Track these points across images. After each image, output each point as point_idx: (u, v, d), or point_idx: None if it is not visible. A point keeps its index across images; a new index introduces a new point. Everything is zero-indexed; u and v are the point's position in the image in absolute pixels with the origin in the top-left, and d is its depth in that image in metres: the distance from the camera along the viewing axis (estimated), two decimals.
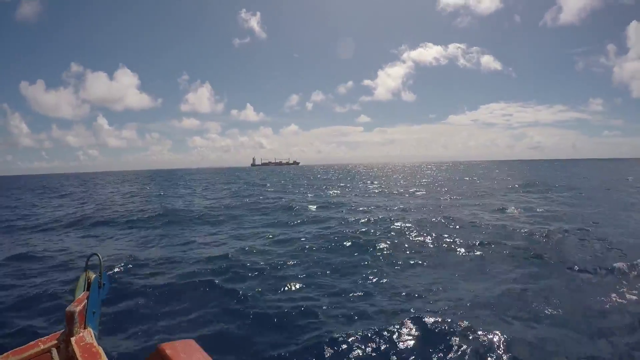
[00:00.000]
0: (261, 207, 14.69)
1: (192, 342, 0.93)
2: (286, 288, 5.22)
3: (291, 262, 6.50)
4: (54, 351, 1.39)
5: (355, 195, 19.88)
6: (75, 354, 1.35)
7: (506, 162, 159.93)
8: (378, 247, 7.36)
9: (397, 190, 21.90)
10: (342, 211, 13.02)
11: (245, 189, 27.10)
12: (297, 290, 5.17)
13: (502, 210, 12.26)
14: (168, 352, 0.85)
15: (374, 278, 5.60)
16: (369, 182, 32.01)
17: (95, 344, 1.43)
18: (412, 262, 6.38)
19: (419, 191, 20.99)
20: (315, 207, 14.30)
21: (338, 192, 22.19)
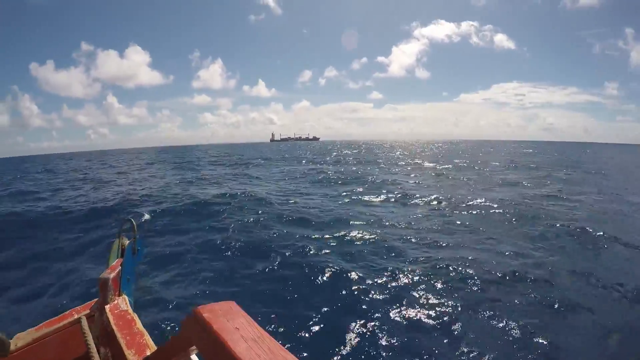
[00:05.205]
0: None
1: (233, 304, 0.86)
2: None
3: None
4: (84, 320, 1.34)
5: None
6: (109, 321, 1.32)
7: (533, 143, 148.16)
8: None
9: None
10: None
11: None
12: None
13: None
14: (206, 315, 0.79)
15: None
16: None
17: (130, 310, 1.40)
18: None
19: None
20: None
21: None
